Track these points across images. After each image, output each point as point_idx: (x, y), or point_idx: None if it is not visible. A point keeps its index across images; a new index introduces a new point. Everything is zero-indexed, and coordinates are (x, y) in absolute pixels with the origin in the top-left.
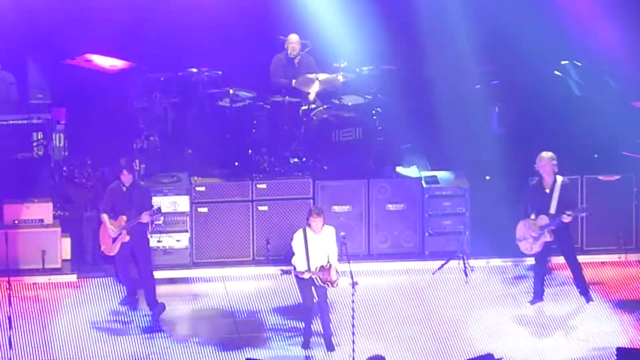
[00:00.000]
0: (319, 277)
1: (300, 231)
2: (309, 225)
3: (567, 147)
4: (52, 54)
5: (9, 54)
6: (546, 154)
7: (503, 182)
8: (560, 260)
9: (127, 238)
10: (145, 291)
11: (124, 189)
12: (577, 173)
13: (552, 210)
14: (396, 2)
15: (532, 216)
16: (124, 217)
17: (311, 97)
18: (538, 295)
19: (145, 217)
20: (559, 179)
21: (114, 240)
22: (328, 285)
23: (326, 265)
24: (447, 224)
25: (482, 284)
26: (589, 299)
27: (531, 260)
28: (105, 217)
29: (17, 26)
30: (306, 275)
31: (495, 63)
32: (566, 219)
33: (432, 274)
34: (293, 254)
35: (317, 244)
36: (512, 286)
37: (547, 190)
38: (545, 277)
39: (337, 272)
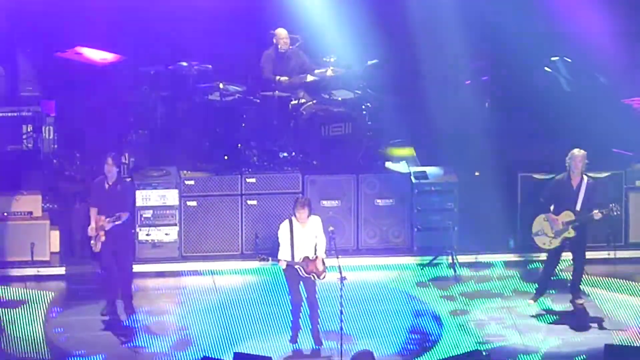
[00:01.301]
0: (303, 267)
1: (286, 222)
2: (295, 216)
3: (557, 144)
4: (42, 47)
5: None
6: (579, 152)
7: (492, 178)
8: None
9: (103, 238)
10: (123, 295)
11: (107, 185)
12: (565, 169)
13: (578, 207)
14: None
15: (552, 210)
16: (103, 217)
17: (300, 92)
18: (540, 292)
19: (107, 225)
20: (585, 178)
21: (95, 239)
22: (313, 276)
23: (312, 257)
24: (436, 219)
25: (470, 279)
26: (576, 297)
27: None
28: (93, 212)
29: (7, 19)
30: (282, 265)
31: (485, 59)
32: (597, 215)
33: (421, 269)
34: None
35: (303, 235)
36: (500, 281)
37: (574, 187)
38: (552, 275)
39: (323, 263)
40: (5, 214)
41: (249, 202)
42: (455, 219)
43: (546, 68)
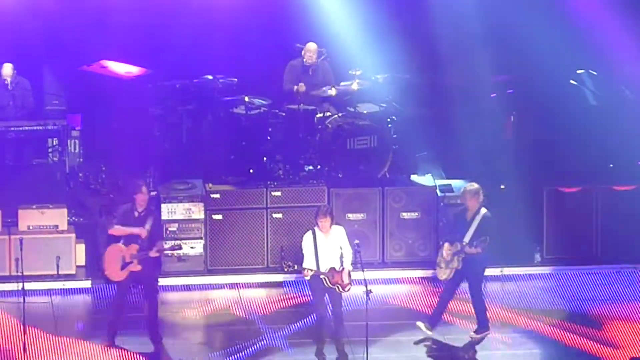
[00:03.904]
0: (328, 278)
1: (309, 232)
2: (317, 225)
3: (582, 157)
4: (68, 60)
5: (25, 60)
6: (469, 186)
7: (518, 191)
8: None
9: (139, 268)
10: (149, 330)
11: (136, 213)
12: (591, 183)
13: (467, 239)
14: (412, 11)
15: (447, 243)
16: (136, 246)
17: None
18: (433, 322)
19: (153, 253)
20: (482, 211)
21: (123, 266)
22: (338, 287)
23: (338, 268)
24: None
25: (496, 293)
26: (483, 330)
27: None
28: (117, 229)
29: (34, 32)
30: (308, 274)
31: (511, 72)
32: (468, 250)
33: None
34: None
35: (327, 245)
36: (525, 295)
37: (468, 220)
38: (446, 307)
39: (349, 275)
40: (31, 227)
41: (275, 215)
42: None
43: (572, 81)
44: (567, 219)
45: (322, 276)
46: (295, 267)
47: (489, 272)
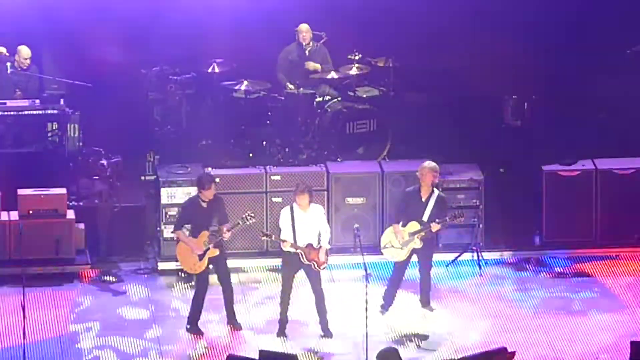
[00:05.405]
0: (304, 253)
1: (287, 207)
2: (296, 202)
3: (581, 134)
4: (67, 46)
5: (24, 44)
6: (428, 164)
7: (517, 175)
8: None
9: (217, 252)
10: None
11: (204, 204)
12: (592, 165)
13: (425, 218)
14: None
15: (400, 224)
16: (207, 233)
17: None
18: (388, 304)
19: (226, 234)
20: (436, 192)
21: (202, 256)
22: (314, 264)
23: (316, 246)
24: None
25: (495, 277)
26: (427, 306)
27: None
28: (182, 234)
29: (33, 17)
30: (286, 245)
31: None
32: (435, 227)
33: (446, 266)
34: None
35: (305, 221)
36: (525, 279)
37: (423, 200)
38: (398, 287)
39: (326, 254)
40: (31, 211)
41: (274, 199)
42: (481, 216)
43: None
44: (567, 202)
45: (298, 250)
46: (273, 237)
47: (489, 255)
